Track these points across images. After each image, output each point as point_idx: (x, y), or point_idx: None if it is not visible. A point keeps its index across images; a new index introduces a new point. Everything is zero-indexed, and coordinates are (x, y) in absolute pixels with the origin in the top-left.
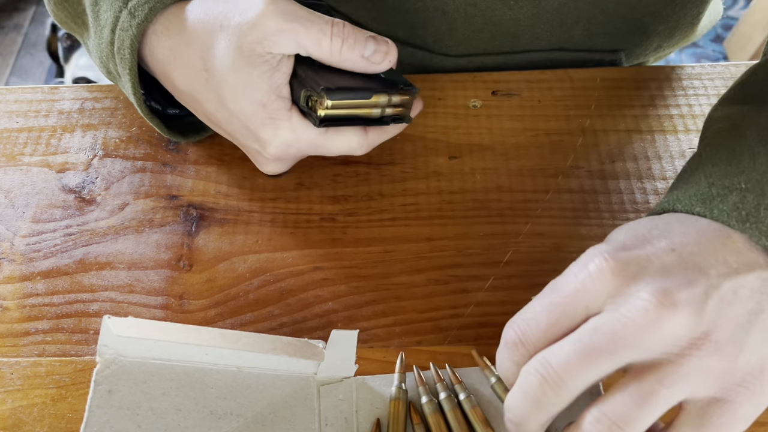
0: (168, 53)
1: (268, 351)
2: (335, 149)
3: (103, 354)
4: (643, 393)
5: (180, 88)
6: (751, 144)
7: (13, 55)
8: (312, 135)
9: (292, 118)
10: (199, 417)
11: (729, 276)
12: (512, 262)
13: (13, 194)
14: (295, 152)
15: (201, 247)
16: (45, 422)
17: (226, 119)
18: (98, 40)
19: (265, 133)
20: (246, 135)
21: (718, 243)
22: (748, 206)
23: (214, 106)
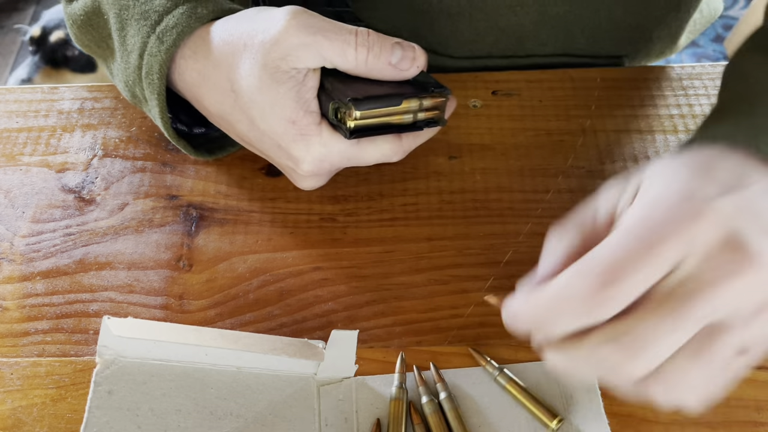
0: (197, 76)
1: (268, 351)
2: (369, 159)
3: (102, 354)
4: (713, 357)
5: (211, 111)
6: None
7: (13, 55)
8: (344, 147)
9: (322, 133)
10: (199, 417)
11: None
12: (512, 262)
13: (12, 194)
14: (328, 166)
15: (201, 247)
16: (45, 422)
17: (257, 139)
18: (124, 65)
19: (296, 150)
20: (279, 153)
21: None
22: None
23: (246, 126)
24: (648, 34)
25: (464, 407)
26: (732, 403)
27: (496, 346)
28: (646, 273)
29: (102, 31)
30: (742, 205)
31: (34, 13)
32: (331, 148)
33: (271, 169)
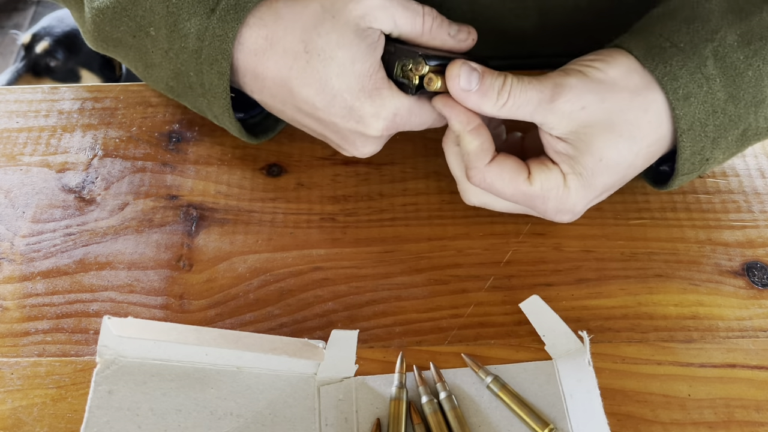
0: (263, 42)
1: (268, 351)
2: (428, 117)
3: (103, 354)
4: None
5: (273, 77)
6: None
7: (13, 55)
8: (411, 102)
9: (392, 87)
10: (199, 417)
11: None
12: (512, 262)
13: (13, 194)
14: (399, 121)
15: (201, 247)
16: (45, 422)
17: (325, 103)
18: (175, 52)
19: (372, 105)
20: (347, 116)
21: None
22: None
23: (315, 89)
24: None
25: (464, 407)
26: (732, 403)
27: (496, 346)
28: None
29: (140, 20)
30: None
31: (34, 14)
32: (402, 102)
33: (271, 169)
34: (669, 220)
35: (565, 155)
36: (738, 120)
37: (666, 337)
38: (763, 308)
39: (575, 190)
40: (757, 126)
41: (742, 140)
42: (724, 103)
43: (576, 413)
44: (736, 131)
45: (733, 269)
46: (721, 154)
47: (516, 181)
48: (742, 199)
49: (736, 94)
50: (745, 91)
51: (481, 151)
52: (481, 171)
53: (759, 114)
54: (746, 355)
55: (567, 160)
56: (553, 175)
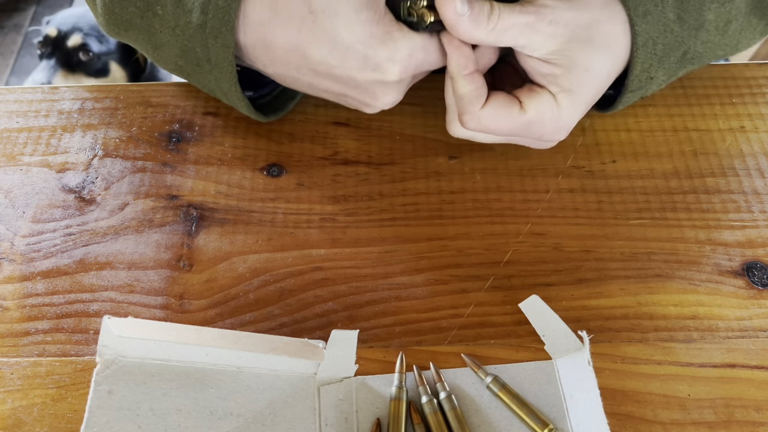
0: (267, 11)
1: (268, 351)
2: (442, 54)
3: (103, 354)
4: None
5: (282, 45)
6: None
7: (13, 55)
8: (424, 40)
9: (402, 28)
10: (199, 417)
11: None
12: (512, 262)
13: (13, 194)
14: (414, 64)
15: (201, 247)
16: (45, 422)
17: (339, 59)
18: (181, 29)
19: (386, 50)
20: (363, 66)
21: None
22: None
23: (326, 48)
24: None
25: (464, 407)
26: (732, 403)
27: (496, 346)
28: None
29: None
30: None
31: (34, 14)
32: (415, 41)
33: (271, 169)
34: (669, 220)
35: (551, 75)
36: (681, 41)
37: (666, 337)
38: (763, 308)
39: (567, 107)
40: (695, 50)
41: (682, 62)
42: (673, 23)
43: (576, 413)
44: (678, 52)
45: (733, 269)
46: (663, 74)
47: (511, 114)
48: (742, 199)
49: (682, 15)
50: (689, 14)
51: (474, 96)
52: (475, 115)
53: (698, 38)
54: (746, 355)
55: (554, 80)
56: (544, 98)
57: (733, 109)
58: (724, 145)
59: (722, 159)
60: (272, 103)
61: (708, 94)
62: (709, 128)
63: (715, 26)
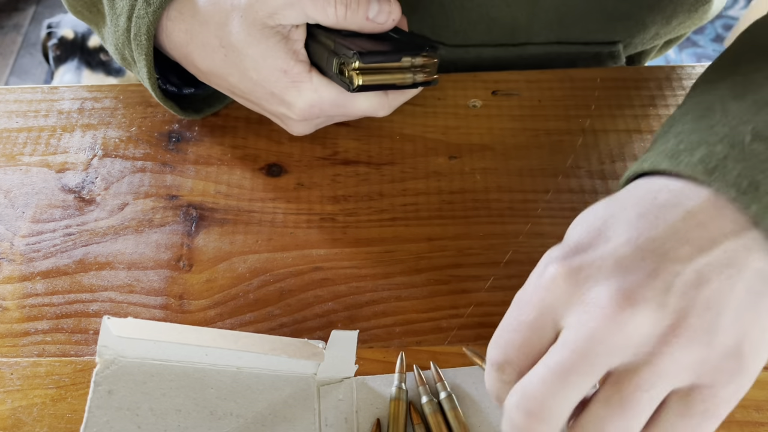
0: (184, 35)
1: (267, 351)
2: (358, 110)
3: (102, 355)
4: (624, 401)
5: (201, 68)
6: (723, 98)
7: (13, 55)
8: (333, 95)
9: (312, 79)
10: (199, 417)
11: (692, 258)
12: (512, 262)
13: (12, 194)
14: (318, 112)
15: (201, 247)
16: (45, 422)
17: (249, 89)
18: (114, 28)
19: (289, 95)
20: (271, 100)
21: (678, 220)
22: (716, 158)
23: (237, 78)
24: (641, 20)
25: (464, 407)
26: None
27: None
28: (570, 397)
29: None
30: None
31: (34, 14)
32: (322, 94)
33: (271, 169)
34: None
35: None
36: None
37: None
38: None
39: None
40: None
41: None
42: None
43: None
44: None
45: None
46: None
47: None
48: None
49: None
50: None
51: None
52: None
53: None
54: None
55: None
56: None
57: None
58: None
59: None
60: (214, 94)
61: None
62: None
63: None
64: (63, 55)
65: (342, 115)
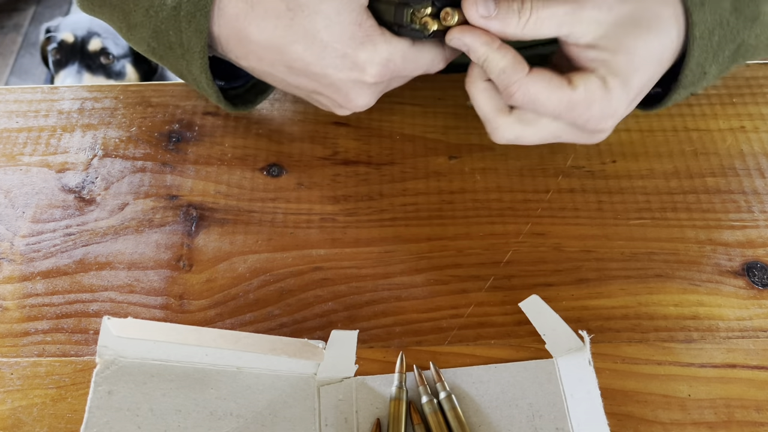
0: (243, 6)
1: (267, 351)
2: (423, 63)
3: (102, 355)
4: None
5: (257, 40)
6: None
7: (13, 55)
8: (405, 47)
9: (384, 34)
10: (199, 417)
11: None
12: (512, 262)
13: (12, 194)
14: (392, 69)
15: (201, 247)
16: (45, 422)
17: (316, 57)
18: (155, 10)
19: (364, 52)
20: (341, 65)
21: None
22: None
23: (303, 46)
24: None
25: (464, 407)
26: (732, 403)
27: (496, 346)
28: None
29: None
30: None
31: (34, 14)
32: (395, 48)
33: (271, 169)
34: (669, 220)
35: (599, 60)
36: (736, 34)
37: (666, 337)
38: (763, 308)
39: (617, 91)
40: (749, 43)
41: (735, 57)
42: (729, 14)
43: (576, 413)
44: (732, 45)
45: (733, 269)
46: (716, 69)
47: (560, 88)
48: (742, 199)
49: (738, 6)
50: (746, 5)
51: (516, 63)
52: (523, 83)
53: (752, 30)
54: (746, 355)
55: (601, 65)
56: (593, 78)
57: (733, 109)
58: (724, 145)
59: (722, 159)
60: (244, 95)
61: (708, 93)
62: (709, 128)
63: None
64: (63, 59)
65: (407, 75)
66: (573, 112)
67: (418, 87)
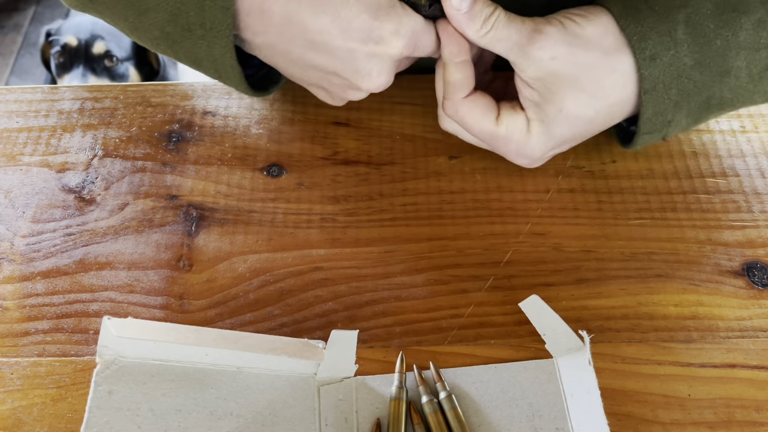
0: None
1: (268, 351)
2: (434, 42)
3: (102, 355)
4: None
5: (280, 12)
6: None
7: (13, 55)
8: (423, 23)
9: (406, 7)
10: (199, 417)
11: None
12: (512, 262)
13: (13, 194)
14: (415, 42)
15: (201, 247)
16: (45, 422)
17: (341, 28)
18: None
19: (391, 23)
20: (366, 38)
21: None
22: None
23: (329, 16)
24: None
25: (464, 407)
26: (732, 403)
27: (496, 346)
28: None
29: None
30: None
31: (34, 14)
32: (417, 22)
33: (271, 169)
34: (669, 220)
35: (531, 101)
36: (703, 87)
37: (666, 337)
38: (763, 308)
39: (536, 136)
40: (722, 96)
41: (707, 108)
42: (690, 69)
43: (576, 412)
44: (700, 98)
45: (733, 269)
46: (684, 119)
47: (485, 119)
48: (742, 199)
49: (702, 61)
50: (712, 60)
51: (460, 84)
52: (455, 103)
53: (724, 84)
54: (746, 355)
55: (532, 107)
56: (518, 119)
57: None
58: (724, 145)
59: (722, 159)
60: (257, 83)
61: None
62: (709, 128)
63: (747, 73)
64: (67, 62)
65: (421, 53)
66: (492, 142)
67: (417, 87)
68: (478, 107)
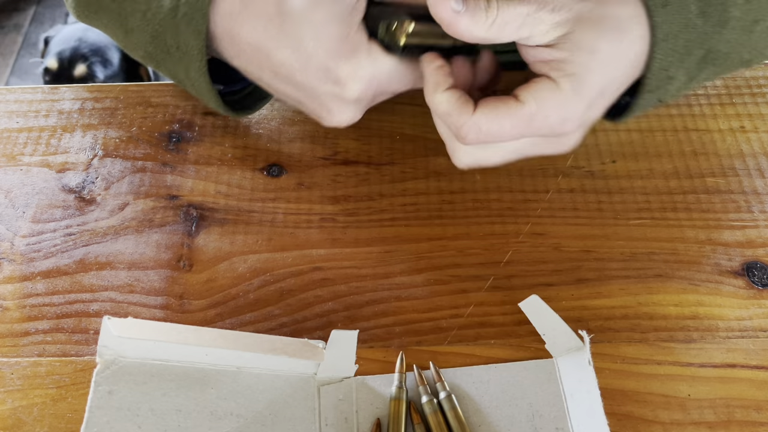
0: (238, 4)
1: (268, 351)
2: (409, 79)
3: (103, 355)
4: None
5: (248, 41)
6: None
7: (13, 55)
8: (391, 65)
9: (371, 49)
10: (199, 417)
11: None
12: (512, 262)
13: (13, 194)
14: (376, 86)
15: (201, 247)
16: (45, 422)
17: (301, 65)
18: (152, 13)
19: (347, 66)
20: (323, 78)
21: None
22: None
23: (289, 51)
24: None
25: (464, 407)
26: (732, 403)
27: (496, 346)
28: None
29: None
30: None
31: (34, 14)
32: (380, 66)
33: (271, 169)
34: (669, 220)
35: (554, 61)
36: (704, 38)
37: (666, 337)
38: (763, 308)
39: (571, 91)
40: (718, 50)
41: (704, 63)
42: (695, 17)
43: (576, 412)
44: (700, 51)
45: (733, 269)
46: (684, 75)
47: (508, 110)
48: (742, 199)
49: (706, 10)
50: (713, 8)
51: (460, 104)
52: (472, 122)
53: (722, 36)
54: (746, 355)
55: (556, 65)
56: (542, 84)
57: (733, 109)
58: (724, 145)
59: (722, 159)
60: (242, 101)
61: (708, 93)
62: (709, 128)
63: (741, 25)
64: (52, 83)
65: (392, 92)
66: (530, 127)
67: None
68: (493, 108)
